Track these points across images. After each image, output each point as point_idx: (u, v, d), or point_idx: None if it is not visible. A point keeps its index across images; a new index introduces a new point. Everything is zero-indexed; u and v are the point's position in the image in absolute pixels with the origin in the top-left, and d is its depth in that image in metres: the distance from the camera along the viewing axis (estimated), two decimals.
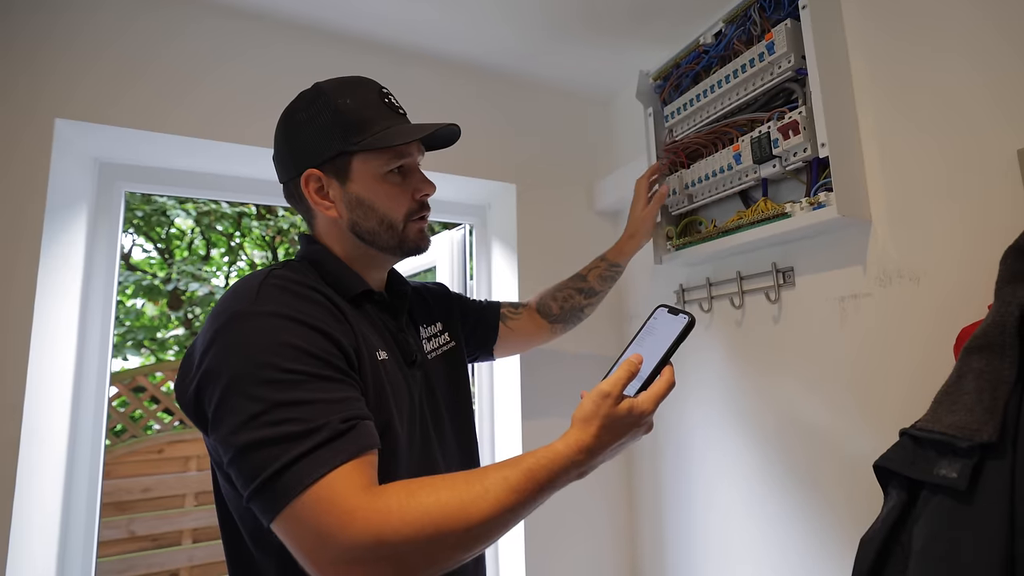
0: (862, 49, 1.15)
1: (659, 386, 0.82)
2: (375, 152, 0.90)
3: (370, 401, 0.81)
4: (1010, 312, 0.68)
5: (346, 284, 0.91)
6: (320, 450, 0.67)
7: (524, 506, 0.72)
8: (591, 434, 0.78)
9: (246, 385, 0.69)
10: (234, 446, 0.68)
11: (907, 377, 1.05)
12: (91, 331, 1.40)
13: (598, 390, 0.80)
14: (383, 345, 0.91)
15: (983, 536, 0.60)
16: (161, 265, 6.41)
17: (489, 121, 1.77)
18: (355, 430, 0.70)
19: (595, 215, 1.91)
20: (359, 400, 0.76)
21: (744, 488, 1.38)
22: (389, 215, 0.93)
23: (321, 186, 0.92)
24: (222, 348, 0.73)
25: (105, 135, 1.32)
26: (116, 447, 4.61)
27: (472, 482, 0.71)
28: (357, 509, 0.64)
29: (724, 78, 1.28)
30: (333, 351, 0.77)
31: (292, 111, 0.94)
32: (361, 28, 1.52)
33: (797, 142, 1.11)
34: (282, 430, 0.67)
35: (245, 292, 0.79)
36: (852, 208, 1.08)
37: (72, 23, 1.27)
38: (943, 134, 1.01)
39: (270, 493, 0.65)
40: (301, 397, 0.69)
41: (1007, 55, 0.92)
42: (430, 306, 1.15)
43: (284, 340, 0.73)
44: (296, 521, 0.65)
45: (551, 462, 0.75)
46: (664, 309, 0.89)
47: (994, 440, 0.62)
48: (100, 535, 1.38)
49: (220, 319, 0.76)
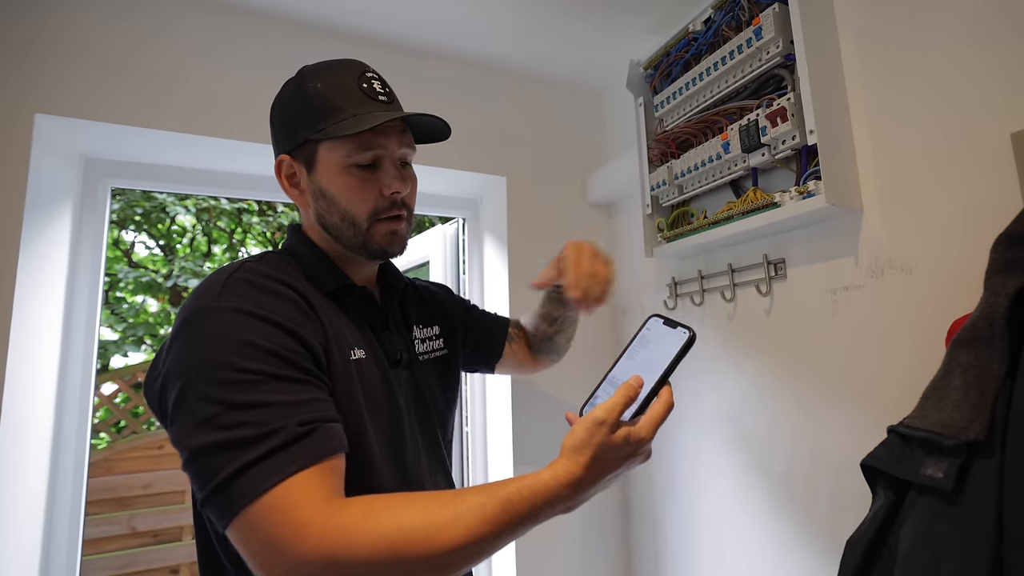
0: (852, 33, 1.11)
1: (658, 409, 0.73)
2: (339, 141, 0.84)
3: (339, 405, 0.77)
4: (999, 303, 0.64)
5: (324, 277, 0.88)
6: (276, 455, 0.63)
7: (498, 538, 0.65)
8: (582, 465, 0.69)
9: (201, 386, 0.66)
10: (188, 449, 0.65)
11: (900, 371, 1.02)
12: (76, 327, 1.38)
13: (592, 417, 0.71)
14: (361, 343, 0.87)
15: (969, 539, 0.58)
16: (163, 262, 6.41)
17: (478, 113, 1.74)
18: (315, 434, 0.67)
19: (589, 207, 1.87)
20: (325, 401, 0.72)
21: (735, 483, 1.35)
22: (351, 210, 0.86)
23: (293, 173, 0.89)
24: (182, 346, 0.71)
25: (91, 131, 1.31)
26: (117, 443, 4.62)
27: (444, 505, 0.65)
28: (312, 523, 0.61)
29: (712, 65, 1.25)
30: (298, 349, 0.73)
31: (277, 96, 0.92)
32: (349, 22, 1.50)
33: (785, 129, 1.08)
34: (235, 434, 0.64)
35: (210, 288, 0.75)
36: (842, 197, 1.05)
37: (60, 20, 1.26)
38: (936, 120, 0.98)
39: (222, 499, 0.63)
40: (257, 399, 0.66)
41: (1001, 37, 0.89)
42: (429, 308, 1.10)
43: (244, 338, 0.69)
44: (248, 530, 0.62)
45: (534, 494, 0.67)
46: (659, 320, 0.80)
47: (981, 438, 0.59)
48: (101, 531, 1.37)
49: (183, 315, 0.73)
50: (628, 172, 1.62)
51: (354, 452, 0.76)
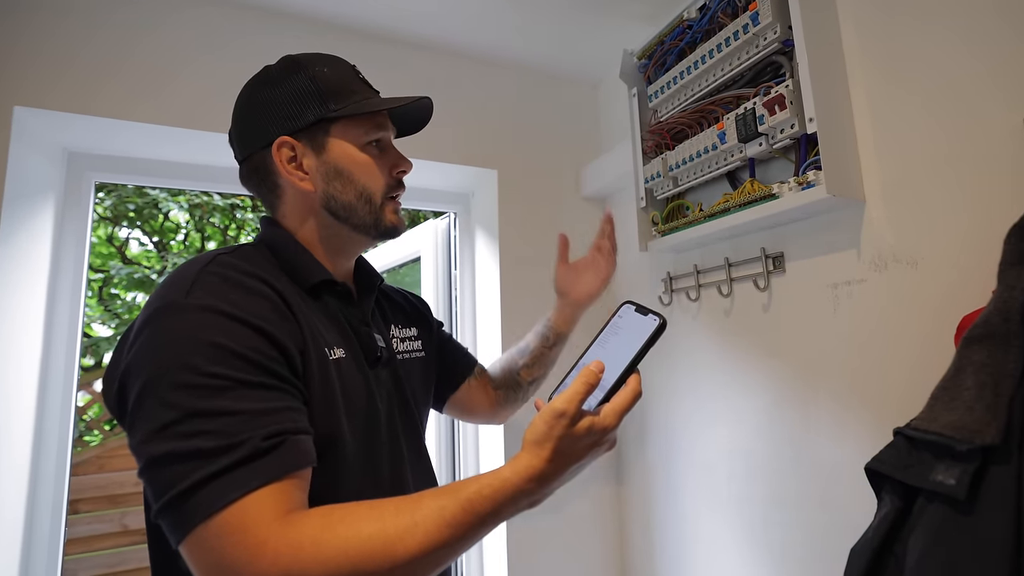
0: (852, 17, 1.07)
1: (624, 397, 0.71)
2: (355, 120, 0.86)
3: (315, 409, 0.73)
4: (1015, 297, 0.60)
5: (304, 272, 0.84)
6: (236, 470, 0.59)
7: (461, 541, 0.63)
8: (544, 459, 0.67)
9: (163, 389, 0.62)
10: (144, 456, 0.61)
11: (905, 369, 0.98)
12: (59, 324, 1.35)
13: (551, 409, 0.68)
14: (340, 341, 0.83)
15: (985, 552, 0.54)
16: (157, 258, 6.36)
17: (469, 105, 1.70)
18: (281, 448, 0.62)
19: (582, 200, 1.84)
20: (296, 411, 0.68)
21: (731, 485, 1.31)
22: (368, 187, 0.87)
23: (294, 155, 0.85)
24: (144, 344, 0.66)
25: (73, 124, 1.29)
26: (109, 440, 4.59)
27: (402, 512, 0.62)
28: (267, 541, 0.57)
29: (708, 53, 1.21)
30: (271, 353, 0.68)
31: (261, 80, 0.88)
32: (335, 11, 1.47)
33: (784, 118, 1.04)
34: (194, 444, 0.59)
35: (179, 281, 0.70)
36: (843, 187, 1.01)
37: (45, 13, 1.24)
38: (941, 107, 0.94)
39: (177, 514, 0.58)
40: (222, 407, 0.61)
41: (1006, 23, 0.85)
42: (407, 312, 1.08)
43: (212, 339, 0.65)
44: (201, 549, 0.58)
45: (495, 492, 0.65)
46: (631, 307, 0.78)
47: (997, 443, 0.55)
48: (93, 529, 1.35)
49: (149, 309, 0.68)
50: (622, 164, 1.58)
51: (328, 457, 0.72)
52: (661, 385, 1.52)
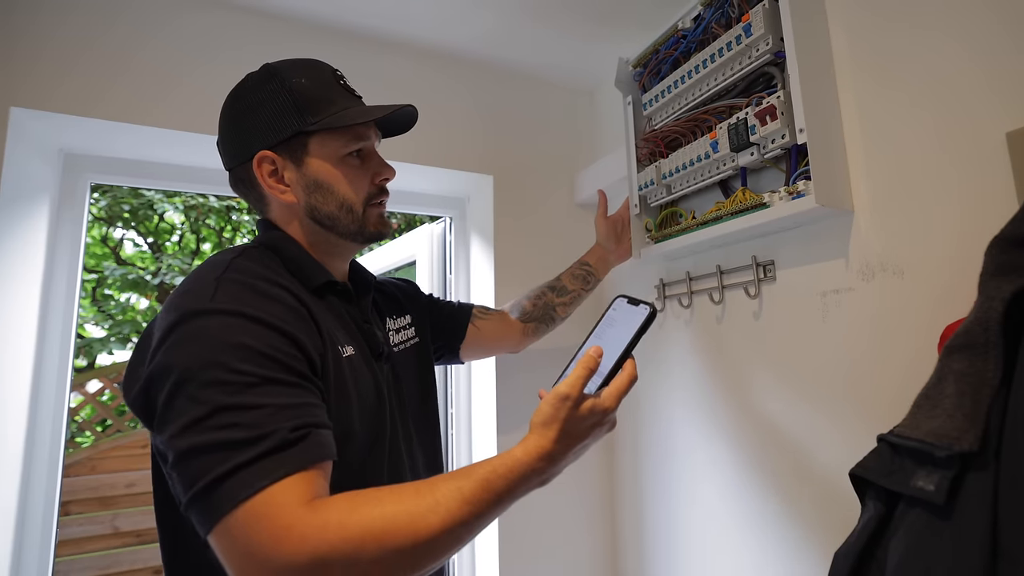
0: (844, 30, 1.09)
1: (621, 381, 0.79)
2: (334, 133, 0.87)
3: (331, 406, 0.76)
4: (994, 308, 0.62)
5: (309, 273, 0.87)
6: (264, 460, 0.62)
7: (479, 519, 0.68)
8: (551, 439, 0.74)
9: (193, 386, 0.65)
10: (175, 450, 0.63)
11: (892, 377, 0.99)
12: (53, 325, 1.35)
13: (556, 392, 0.76)
14: (349, 339, 0.87)
15: (962, 556, 0.55)
16: (151, 259, 6.35)
17: (465, 111, 1.71)
18: (307, 440, 0.65)
19: (576, 207, 1.85)
20: (317, 407, 0.71)
21: (724, 490, 1.32)
22: (348, 198, 0.89)
23: (275, 169, 0.87)
24: (173, 346, 0.68)
25: (70, 126, 1.29)
26: (101, 442, 4.57)
27: (422, 493, 0.66)
28: (293, 525, 0.59)
29: (701, 63, 1.22)
30: (293, 353, 0.72)
31: (241, 92, 0.90)
32: (333, 16, 1.47)
33: (775, 128, 1.05)
34: (224, 436, 0.62)
35: (202, 288, 0.74)
36: (832, 197, 1.02)
37: (46, 14, 1.24)
38: (929, 118, 0.95)
39: (205, 504, 0.61)
40: (250, 401, 0.64)
41: (995, 34, 0.86)
42: (399, 299, 1.12)
43: (239, 340, 0.68)
44: (229, 536, 0.60)
45: (509, 471, 0.71)
46: (624, 300, 0.86)
47: (975, 449, 0.56)
48: (84, 531, 1.35)
49: (174, 316, 0.71)
50: (616, 171, 1.59)
51: (343, 452, 0.75)
52: (653, 390, 1.53)
